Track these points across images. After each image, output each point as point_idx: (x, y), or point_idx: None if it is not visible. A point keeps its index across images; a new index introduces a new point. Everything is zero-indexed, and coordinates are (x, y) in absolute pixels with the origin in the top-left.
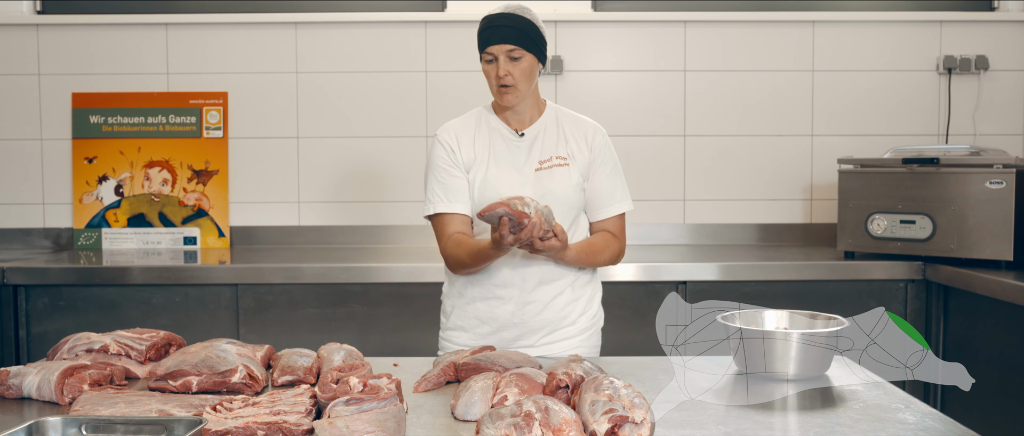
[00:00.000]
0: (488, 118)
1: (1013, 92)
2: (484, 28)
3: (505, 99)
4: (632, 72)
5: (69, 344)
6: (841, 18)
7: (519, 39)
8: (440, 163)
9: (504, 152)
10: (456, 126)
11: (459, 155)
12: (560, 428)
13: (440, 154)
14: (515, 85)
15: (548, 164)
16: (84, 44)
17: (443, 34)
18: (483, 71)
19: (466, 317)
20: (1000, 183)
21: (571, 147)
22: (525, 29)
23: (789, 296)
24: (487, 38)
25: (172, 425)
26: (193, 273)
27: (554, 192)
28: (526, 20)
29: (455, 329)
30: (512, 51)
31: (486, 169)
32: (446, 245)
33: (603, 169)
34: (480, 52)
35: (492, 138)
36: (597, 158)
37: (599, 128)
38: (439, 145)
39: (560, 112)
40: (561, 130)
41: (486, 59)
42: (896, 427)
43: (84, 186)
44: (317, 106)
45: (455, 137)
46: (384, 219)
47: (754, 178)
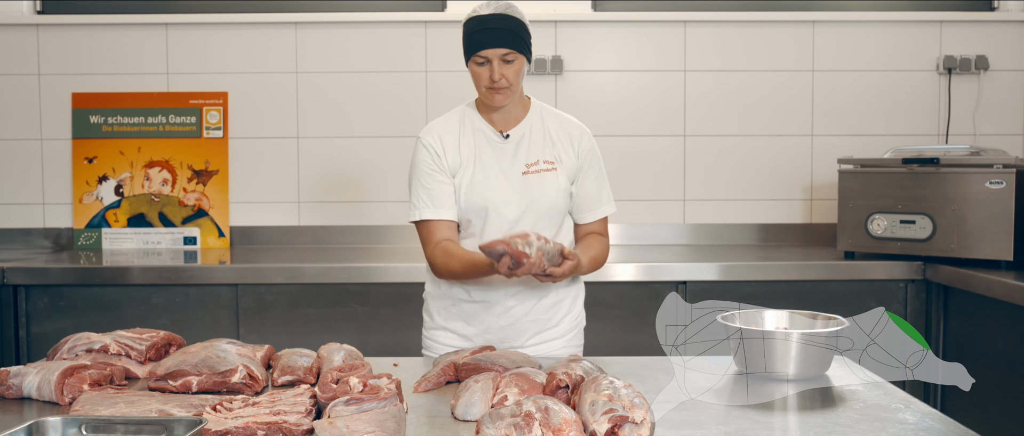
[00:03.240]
0: (472, 118)
1: (1013, 92)
2: (476, 30)
3: (496, 100)
4: (632, 72)
5: (69, 344)
6: (841, 18)
7: (513, 42)
8: (424, 167)
9: (489, 155)
10: (439, 128)
11: (444, 159)
12: (560, 428)
13: (424, 158)
14: (508, 87)
15: (535, 168)
16: (84, 44)
17: (443, 34)
18: (472, 72)
19: (451, 318)
20: (1000, 183)
21: (557, 150)
22: (518, 30)
23: (789, 296)
24: (480, 41)
25: (172, 425)
26: (193, 273)
27: (543, 198)
28: (518, 21)
29: (439, 329)
30: (506, 54)
31: (472, 174)
32: (434, 252)
33: (591, 173)
34: (470, 54)
35: (477, 140)
36: (585, 163)
37: (585, 130)
38: (423, 148)
39: (545, 111)
40: (547, 131)
41: (477, 62)
42: (896, 427)
43: (84, 186)
44: (317, 106)
45: (439, 140)
46: (384, 219)
47: (754, 178)
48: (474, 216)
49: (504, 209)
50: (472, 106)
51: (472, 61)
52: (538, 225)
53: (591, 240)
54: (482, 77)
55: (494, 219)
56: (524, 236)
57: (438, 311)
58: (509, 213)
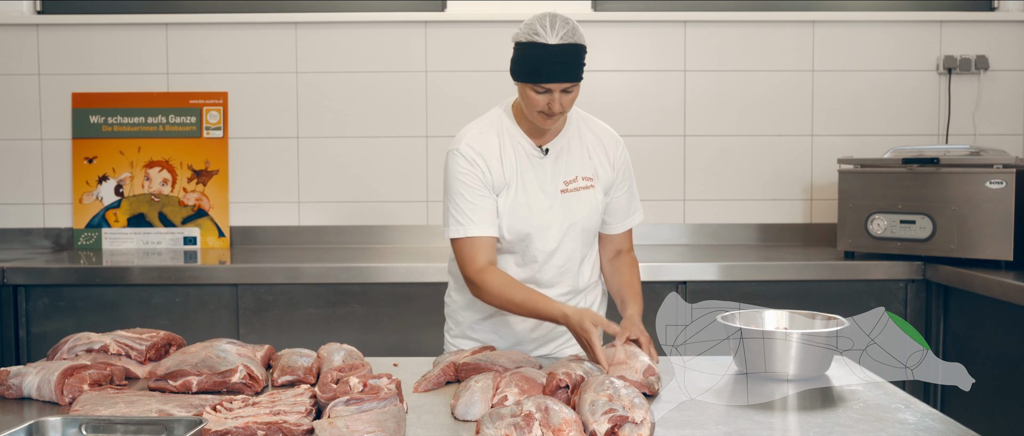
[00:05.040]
0: (510, 129)
1: (1013, 92)
2: (542, 60)
3: (548, 124)
4: (632, 72)
5: (69, 344)
6: (841, 18)
7: (578, 73)
8: (465, 179)
9: (530, 172)
10: (478, 142)
11: (488, 175)
12: (560, 428)
13: (464, 169)
14: (563, 111)
15: (573, 186)
16: (84, 44)
17: (443, 34)
18: (525, 94)
19: (480, 330)
20: (1000, 183)
21: (594, 165)
22: (582, 59)
23: (789, 296)
24: (547, 74)
25: (172, 425)
26: (193, 273)
27: (583, 219)
28: (582, 47)
29: (465, 338)
30: (570, 87)
31: (515, 194)
32: (487, 280)
33: (624, 185)
34: (529, 80)
35: (518, 156)
36: (619, 176)
37: (618, 139)
38: (463, 160)
39: (582, 120)
40: (584, 145)
41: (536, 90)
42: (896, 427)
43: (84, 186)
44: (317, 106)
45: (482, 156)
46: (384, 219)
47: (754, 178)
48: (516, 240)
49: (545, 234)
50: (508, 113)
51: (531, 89)
52: (575, 245)
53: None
54: (538, 103)
55: (537, 244)
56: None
57: (465, 320)
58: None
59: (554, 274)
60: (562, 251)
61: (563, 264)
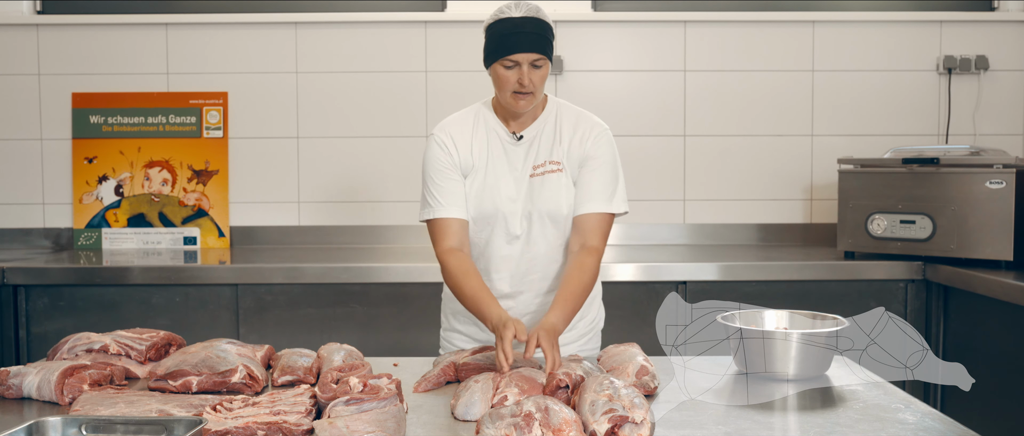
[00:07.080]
0: (486, 117)
1: (1013, 92)
2: (507, 33)
3: (521, 105)
4: (632, 72)
5: (69, 344)
6: (841, 18)
7: (544, 47)
8: (437, 165)
9: (501, 156)
10: (453, 126)
11: (457, 157)
12: (560, 428)
13: (437, 154)
14: (534, 92)
15: (541, 170)
16: (84, 44)
17: (443, 34)
18: (496, 75)
19: (469, 324)
20: (1000, 183)
21: (565, 148)
22: (547, 34)
23: (789, 296)
24: (511, 45)
25: (172, 425)
26: (193, 273)
27: (547, 201)
28: (548, 24)
29: (455, 332)
30: (537, 59)
31: (484, 175)
32: (448, 259)
33: (590, 163)
34: (497, 56)
35: (490, 139)
36: (589, 154)
37: (599, 126)
38: (436, 145)
39: (560, 108)
40: (558, 131)
41: (505, 66)
42: (896, 427)
43: (84, 186)
44: (317, 106)
45: (452, 138)
46: (384, 219)
47: (754, 178)
48: (483, 223)
49: (511, 218)
50: (488, 106)
51: (499, 64)
52: (544, 230)
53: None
54: (509, 81)
55: (500, 228)
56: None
57: (455, 314)
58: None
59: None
60: (535, 240)
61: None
